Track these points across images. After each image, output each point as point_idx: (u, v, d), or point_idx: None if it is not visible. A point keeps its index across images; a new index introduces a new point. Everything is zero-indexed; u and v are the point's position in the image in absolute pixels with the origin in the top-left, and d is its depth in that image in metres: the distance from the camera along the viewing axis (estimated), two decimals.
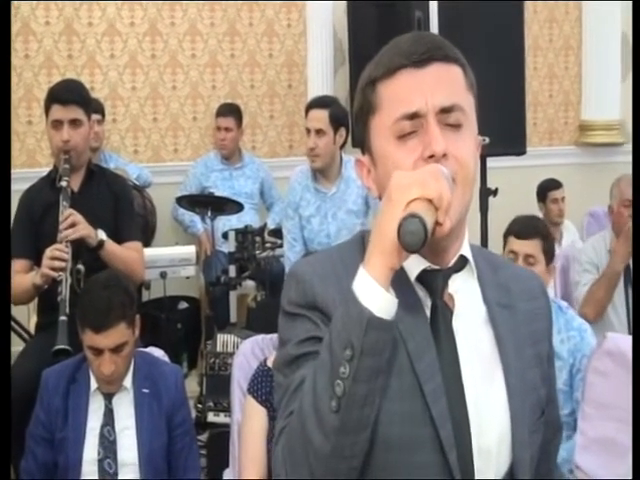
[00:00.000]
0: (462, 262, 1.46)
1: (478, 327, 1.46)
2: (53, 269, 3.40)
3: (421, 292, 1.43)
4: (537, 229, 3.42)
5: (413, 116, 1.39)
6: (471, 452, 1.39)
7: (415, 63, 1.40)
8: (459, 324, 1.43)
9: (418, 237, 1.24)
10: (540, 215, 6.01)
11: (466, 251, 1.47)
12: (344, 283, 1.37)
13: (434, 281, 1.43)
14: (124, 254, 3.67)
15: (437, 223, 1.28)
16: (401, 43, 1.44)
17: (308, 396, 1.29)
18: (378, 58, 1.45)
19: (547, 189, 6.09)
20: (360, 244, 1.48)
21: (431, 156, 1.37)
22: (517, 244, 3.40)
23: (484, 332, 1.47)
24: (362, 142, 1.50)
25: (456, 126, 1.41)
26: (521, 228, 3.45)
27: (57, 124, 3.65)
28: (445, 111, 1.40)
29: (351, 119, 4.85)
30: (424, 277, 1.43)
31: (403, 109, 1.40)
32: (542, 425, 1.52)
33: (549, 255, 3.40)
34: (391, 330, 1.28)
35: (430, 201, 1.27)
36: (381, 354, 1.27)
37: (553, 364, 1.61)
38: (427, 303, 1.43)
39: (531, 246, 3.36)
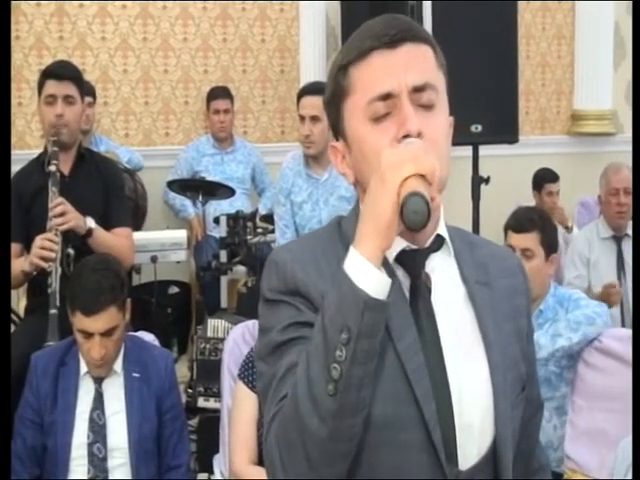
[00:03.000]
0: (439, 242, 1.47)
1: (457, 305, 1.47)
2: (42, 259, 3.39)
3: (399, 272, 1.44)
4: (533, 222, 3.39)
5: (386, 97, 1.40)
6: (454, 429, 1.40)
7: (387, 44, 1.41)
8: (438, 303, 1.44)
9: (422, 215, 1.25)
10: (533, 203, 6.03)
11: (442, 231, 1.48)
12: (324, 269, 1.40)
13: (412, 261, 1.44)
14: (113, 242, 3.65)
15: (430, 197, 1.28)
16: (372, 26, 1.45)
17: (302, 382, 1.28)
18: (349, 42, 1.46)
19: (544, 180, 6.08)
20: (337, 230, 1.50)
21: (406, 136, 1.38)
22: (514, 238, 3.39)
23: (464, 310, 1.48)
24: (335, 128, 1.50)
25: (429, 106, 1.42)
26: (517, 222, 3.44)
27: (51, 99, 3.64)
28: (418, 90, 1.41)
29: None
30: (402, 257, 1.43)
31: (376, 90, 1.40)
32: (522, 401, 1.53)
33: (548, 247, 3.38)
34: (386, 310, 1.28)
35: (423, 177, 1.28)
36: (377, 335, 1.28)
37: (532, 341, 1.63)
38: (406, 283, 1.44)
39: (527, 240, 3.34)
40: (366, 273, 1.27)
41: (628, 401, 2.47)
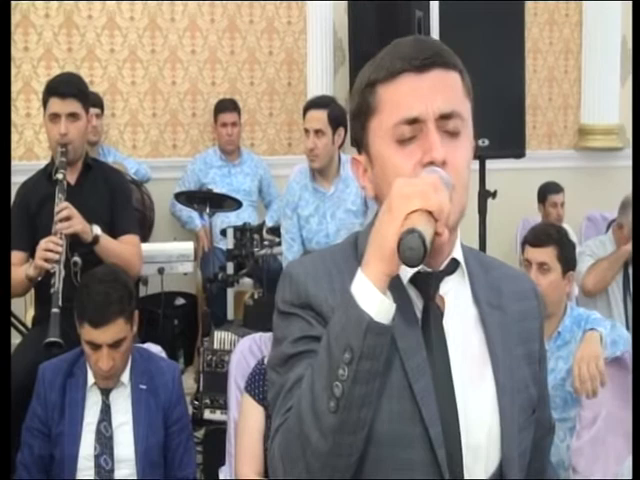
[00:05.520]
0: (454, 264, 1.49)
1: (468, 328, 1.49)
2: (46, 260, 3.40)
3: (413, 293, 1.45)
4: (551, 236, 3.35)
5: (413, 121, 1.41)
6: (460, 450, 1.41)
7: (416, 68, 1.42)
8: (449, 325, 1.46)
9: (418, 253, 1.26)
10: (539, 217, 6.03)
11: (458, 254, 1.49)
12: (336, 284, 1.42)
13: (426, 283, 1.45)
14: (120, 249, 3.66)
15: (436, 233, 1.29)
16: (402, 46, 1.45)
17: (306, 396, 1.31)
18: (378, 60, 1.46)
19: (547, 192, 6.09)
20: (353, 246, 1.51)
21: (430, 163, 1.39)
22: (531, 252, 3.35)
23: (474, 332, 1.49)
24: (359, 142, 1.51)
25: (454, 134, 1.43)
26: (535, 236, 3.40)
27: (55, 117, 3.65)
28: (444, 117, 1.42)
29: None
30: (417, 279, 1.45)
31: (403, 113, 1.41)
32: (532, 424, 1.54)
33: (566, 263, 3.33)
34: (389, 334, 1.30)
35: (430, 212, 1.29)
36: (379, 357, 1.30)
37: (545, 364, 1.63)
38: (418, 304, 1.45)
39: (544, 254, 3.31)
40: (371, 296, 1.29)
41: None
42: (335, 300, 1.39)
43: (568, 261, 3.36)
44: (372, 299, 1.29)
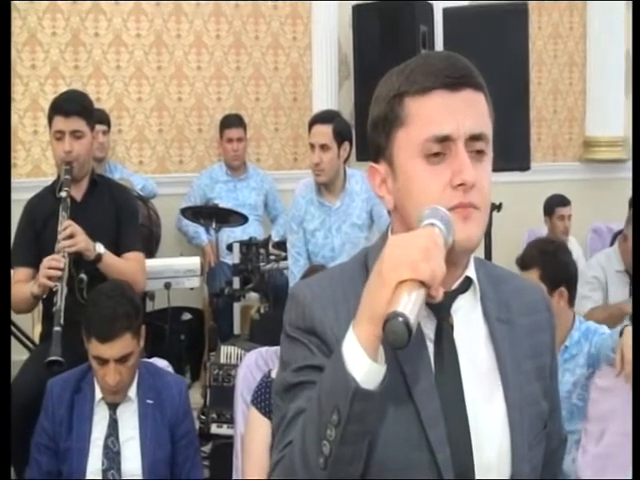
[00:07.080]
0: (467, 282, 1.47)
1: (478, 345, 1.47)
2: (49, 278, 3.41)
3: (424, 312, 1.42)
4: (533, 258, 3.37)
5: (444, 139, 1.39)
6: (472, 470, 1.40)
7: (449, 86, 1.40)
8: (460, 343, 1.45)
9: (402, 338, 1.22)
10: (545, 229, 6.03)
11: (471, 272, 1.48)
12: (341, 312, 1.40)
13: (439, 303, 1.40)
14: (123, 266, 3.67)
15: (429, 295, 1.26)
16: (434, 61, 1.44)
17: (298, 445, 1.30)
18: (408, 72, 1.44)
19: (554, 205, 6.09)
20: (363, 265, 1.48)
21: (460, 184, 1.38)
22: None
23: (484, 350, 1.48)
24: (380, 150, 1.47)
25: (480, 156, 1.42)
26: (520, 259, 3.44)
27: (59, 135, 3.67)
28: (473, 138, 1.40)
29: (355, 130, 4.87)
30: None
31: (435, 130, 1.39)
32: (544, 439, 1.53)
33: (551, 281, 3.32)
34: (377, 399, 1.27)
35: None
36: (367, 420, 1.27)
37: (556, 376, 1.62)
38: (427, 324, 1.44)
39: (528, 277, 3.28)
40: (359, 360, 1.25)
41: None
42: (339, 330, 1.34)
43: (553, 279, 3.34)
44: (360, 363, 1.25)
